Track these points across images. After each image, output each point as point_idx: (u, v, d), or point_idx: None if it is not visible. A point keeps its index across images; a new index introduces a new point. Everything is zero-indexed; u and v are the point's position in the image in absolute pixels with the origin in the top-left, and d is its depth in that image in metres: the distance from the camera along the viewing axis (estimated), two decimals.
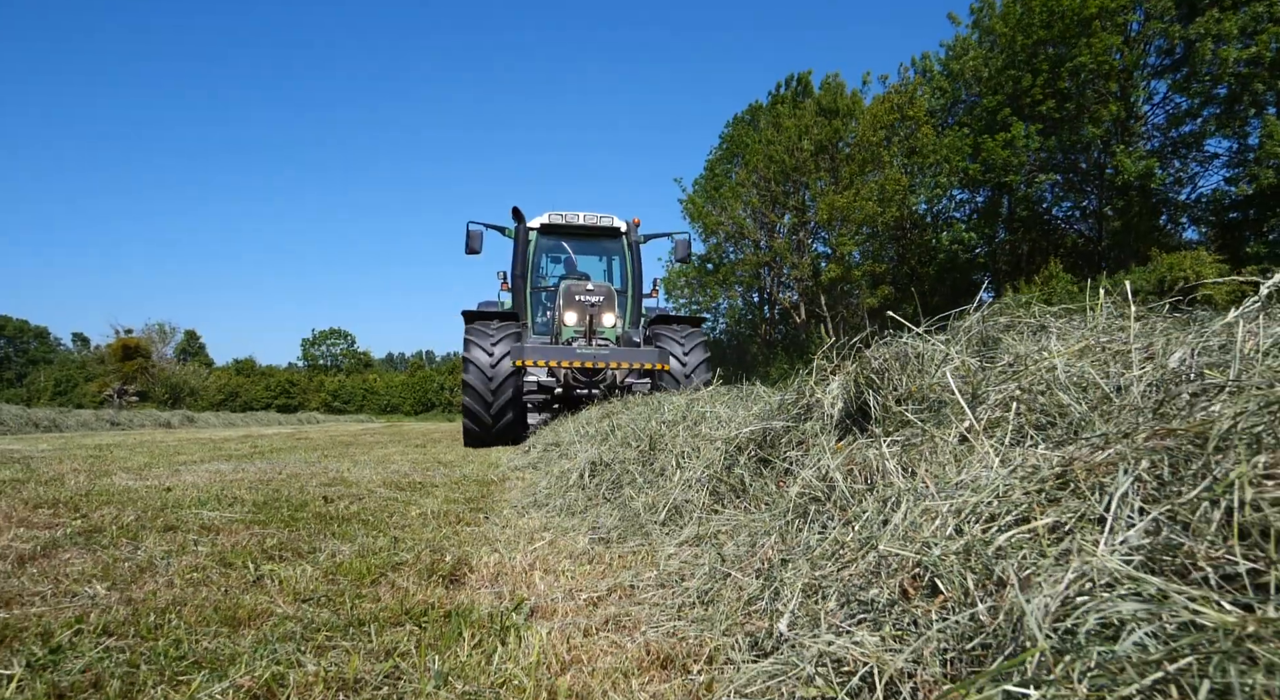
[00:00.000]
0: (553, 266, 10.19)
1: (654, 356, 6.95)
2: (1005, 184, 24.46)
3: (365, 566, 1.96)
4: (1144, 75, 23.23)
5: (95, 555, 2.10)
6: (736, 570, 1.49)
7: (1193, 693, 0.52)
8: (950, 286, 28.96)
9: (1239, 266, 21.07)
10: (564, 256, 10.07)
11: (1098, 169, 24.53)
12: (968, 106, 26.52)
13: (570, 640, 1.33)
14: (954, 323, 1.96)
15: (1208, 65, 20.93)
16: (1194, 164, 24.52)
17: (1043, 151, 23.75)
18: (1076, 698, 0.54)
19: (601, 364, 7.10)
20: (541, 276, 9.89)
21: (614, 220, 9.67)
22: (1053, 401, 1.31)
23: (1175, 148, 24.21)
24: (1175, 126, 23.61)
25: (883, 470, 1.38)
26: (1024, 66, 23.16)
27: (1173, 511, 0.72)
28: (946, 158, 24.97)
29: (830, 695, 0.78)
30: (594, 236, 9.94)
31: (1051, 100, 22.55)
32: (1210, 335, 1.31)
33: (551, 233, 9.72)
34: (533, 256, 9.55)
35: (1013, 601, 0.70)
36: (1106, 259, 25.84)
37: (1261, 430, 0.82)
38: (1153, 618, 0.58)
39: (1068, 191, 26.42)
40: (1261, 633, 0.53)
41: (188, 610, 1.54)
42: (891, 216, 26.88)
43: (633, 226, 9.55)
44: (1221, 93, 22.05)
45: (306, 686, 1.12)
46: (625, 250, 9.83)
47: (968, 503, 0.98)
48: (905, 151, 26.98)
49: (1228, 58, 20.06)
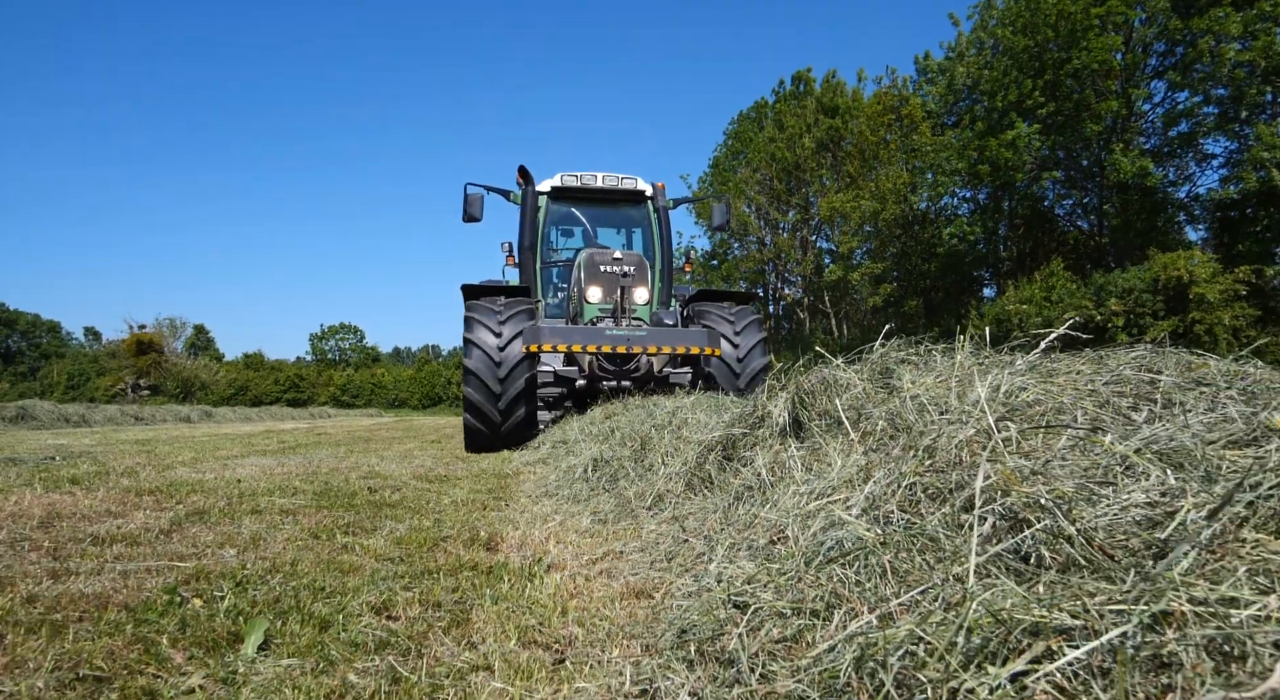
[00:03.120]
0: (564, 239, 8.86)
1: (702, 339, 5.88)
2: (1009, 182, 24.83)
3: (420, 538, 2.59)
4: (1144, 75, 23.61)
5: (213, 530, 2.74)
6: (692, 537, 2.12)
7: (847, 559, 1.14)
8: (952, 283, 29.46)
9: (1232, 266, 21.52)
10: (579, 227, 8.69)
11: (1098, 166, 24.89)
12: (968, 107, 26.89)
13: (575, 582, 1.96)
14: (866, 355, 2.57)
15: (1206, 62, 21.24)
16: (1192, 164, 24.96)
17: (1044, 150, 24.14)
18: (803, 558, 1.15)
19: (638, 348, 5.89)
20: (552, 249, 8.55)
21: (638, 182, 8.34)
22: (904, 419, 1.93)
23: (1173, 147, 24.61)
24: (1172, 125, 23.97)
25: (790, 466, 2.00)
26: (1027, 68, 23.52)
27: (895, 486, 1.33)
28: (948, 158, 25.36)
29: (722, 594, 1.39)
30: (614, 202, 8.55)
31: (1053, 102, 22.92)
32: (1011, 375, 1.92)
33: (564, 197, 8.36)
34: (544, 224, 8.25)
35: (797, 533, 1.31)
36: (1107, 256, 26.25)
37: (963, 442, 1.43)
38: (844, 534, 1.19)
39: (1069, 189, 26.85)
40: (887, 540, 1.13)
41: (305, 565, 2.17)
42: (891, 214, 27.40)
43: (659, 190, 8.26)
44: (1220, 93, 22.44)
45: (408, 604, 1.75)
46: (651, 217, 8.53)
47: (815, 487, 1.59)
48: (905, 150, 27.45)
49: (1225, 55, 20.40)
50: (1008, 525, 1.05)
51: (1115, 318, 21.01)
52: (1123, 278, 21.45)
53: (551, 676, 1.28)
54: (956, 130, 25.79)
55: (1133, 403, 1.54)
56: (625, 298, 6.51)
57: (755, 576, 1.27)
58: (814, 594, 1.09)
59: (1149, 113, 24.43)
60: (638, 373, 6.39)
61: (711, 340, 5.92)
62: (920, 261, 29.66)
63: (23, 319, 66.62)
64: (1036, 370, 1.87)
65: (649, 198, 8.42)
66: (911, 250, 29.54)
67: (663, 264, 8.20)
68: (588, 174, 8.15)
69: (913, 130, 27.15)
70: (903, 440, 1.74)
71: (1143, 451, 1.11)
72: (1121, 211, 25.04)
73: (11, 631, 1.48)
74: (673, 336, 6.02)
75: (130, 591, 1.80)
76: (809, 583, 1.13)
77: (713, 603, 1.27)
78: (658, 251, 8.29)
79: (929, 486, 1.25)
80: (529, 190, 7.81)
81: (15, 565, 2.07)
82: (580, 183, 8.14)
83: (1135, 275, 21.15)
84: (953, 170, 25.26)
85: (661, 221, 8.33)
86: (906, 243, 29.53)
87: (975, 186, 27.19)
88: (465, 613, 1.69)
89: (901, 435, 1.69)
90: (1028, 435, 1.36)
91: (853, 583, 1.06)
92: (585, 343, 5.87)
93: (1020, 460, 1.19)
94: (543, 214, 8.20)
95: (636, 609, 1.70)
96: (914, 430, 1.76)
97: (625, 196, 8.41)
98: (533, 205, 7.86)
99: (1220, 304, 20.19)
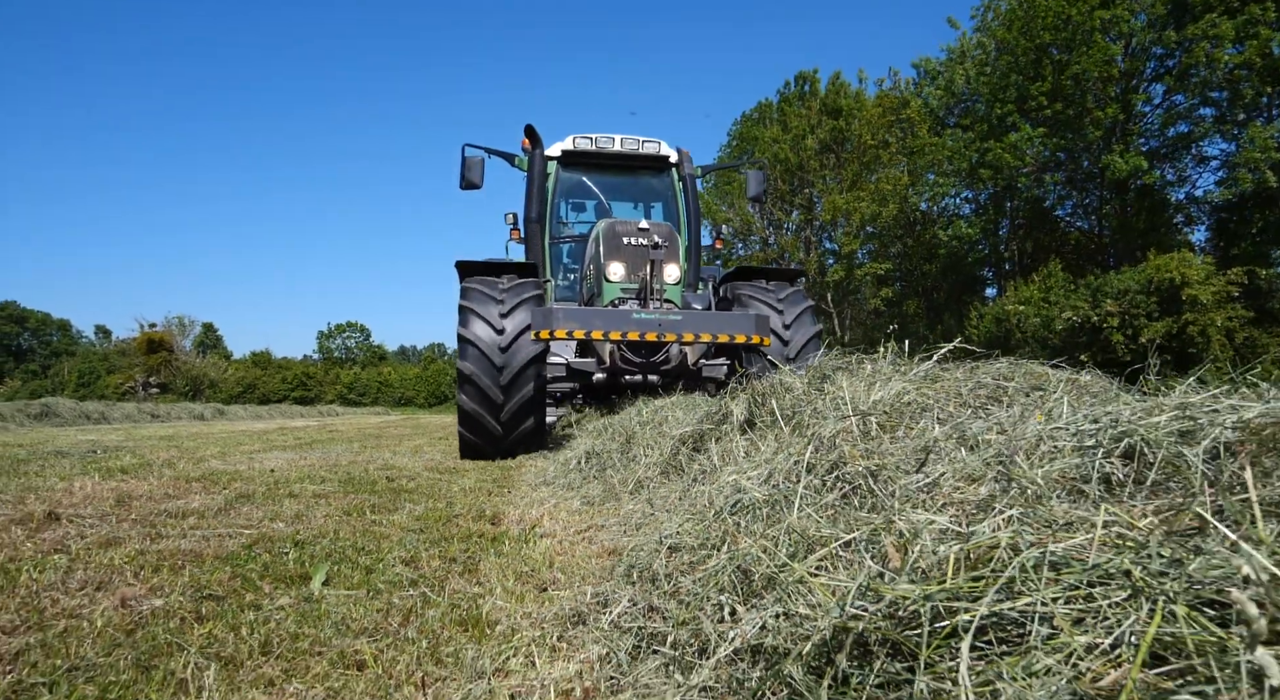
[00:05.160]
0: (575, 213, 7.93)
1: (750, 325, 5.07)
2: (1010, 184, 25.15)
3: (436, 515, 3.09)
4: (1143, 79, 23.98)
5: (260, 509, 3.24)
6: (658, 511, 2.61)
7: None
8: (953, 283, 29.87)
9: (1227, 267, 21.90)
10: (593, 200, 7.71)
11: (1100, 168, 25.21)
12: (969, 109, 27.22)
13: (561, 545, 2.46)
14: (811, 362, 3.06)
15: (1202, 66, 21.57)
16: (1190, 166, 25.33)
17: (1045, 152, 24.49)
18: (714, 513, 1.65)
19: (671, 335, 5.00)
20: (561, 223, 7.63)
21: (661, 146, 7.38)
22: (819, 415, 2.41)
23: (1172, 150, 24.97)
24: (1168, 126, 24.30)
25: (736, 454, 2.49)
26: (1028, 70, 23.87)
27: (790, 463, 1.81)
28: (949, 158, 25.69)
29: (658, 540, 1.88)
30: (633, 169, 7.60)
31: (1057, 104, 23.25)
32: (913, 376, 2.40)
33: (576, 163, 7.42)
34: (553, 194, 7.31)
35: (718, 498, 1.81)
36: (1107, 256, 26.60)
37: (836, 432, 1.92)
38: (744, 496, 1.67)
39: (1070, 190, 27.24)
40: (768, 498, 1.62)
41: (344, 532, 2.67)
42: (890, 215, 27.83)
43: (685, 157, 7.25)
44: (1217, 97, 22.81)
45: (430, 558, 2.25)
46: (676, 187, 7.59)
47: (744, 468, 2.08)
48: (905, 152, 27.85)
49: (1220, 59, 20.75)
50: (848, 486, 1.53)
51: (1110, 318, 21.39)
52: (1118, 279, 21.80)
53: (537, 598, 1.78)
54: (956, 131, 26.11)
55: (982, 402, 2.01)
56: (655, 275, 5.45)
57: (682, 527, 1.76)
58: (716, 534, 1.57)
59: (1148, 115, 24.78)
60: (668, 365, 5.58)
61: (760, 328, 5.10)
62: (922, 262, 30.07)
63: (33, 317, 67.60)
64: (928, 377, 2.35)
65: (674, 165, 7.45)
66: (913, 251, 29.94)
67: (689, 241, 7.09)
68: (603, 136, 7.20)
69: (911, 132, 27.55)
70: (816, 430, 2.23)
71: (950, 437, 1.60)
72: (1120, 212, 25.39)
73: (142, 570, 1.99)
74: (715, 322, 5.12)
75: (216, 548, 2.31)
76: (714, 528, 1.62)
77: (651, 546, 1.76)
78: (684, 227, 7.23)
79: (810, 462, 1.73)
80: (536, 154, 6.77)
81: (116, 531, 2.58)
82: (595, 146, 7.18)
83: (1130, 276, 21.48)
84: (953, 171, 25.63)
85: (688, 192, 7.28)
86: (908, 243, 29.94)
87: (976, 188, 27.58)
88: (475, 564, 2.18)
89: (810, 427, 2.18)
90: (885, 427, 1.85)
91: (740, 526, 1.55)
92: (609, 328, 4.95)
93: (867, 444, 1.68)
94: (552, 182, 7.28)
95: (606, 562, 2.20)
96: (814, 423, 2.25)
97: (646, 163, 7.47)
98: (540, 171, 6.82)
99: (1213, 305, 20.54)
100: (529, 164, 6.86)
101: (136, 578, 1.92)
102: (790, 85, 32.30)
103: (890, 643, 0.88)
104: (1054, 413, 1.50)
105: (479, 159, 6.90)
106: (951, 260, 28.57)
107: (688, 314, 5.18)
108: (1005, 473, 1.19)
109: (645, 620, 1.42)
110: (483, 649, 1.41)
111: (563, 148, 7.27)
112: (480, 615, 1.63)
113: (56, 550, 2.23)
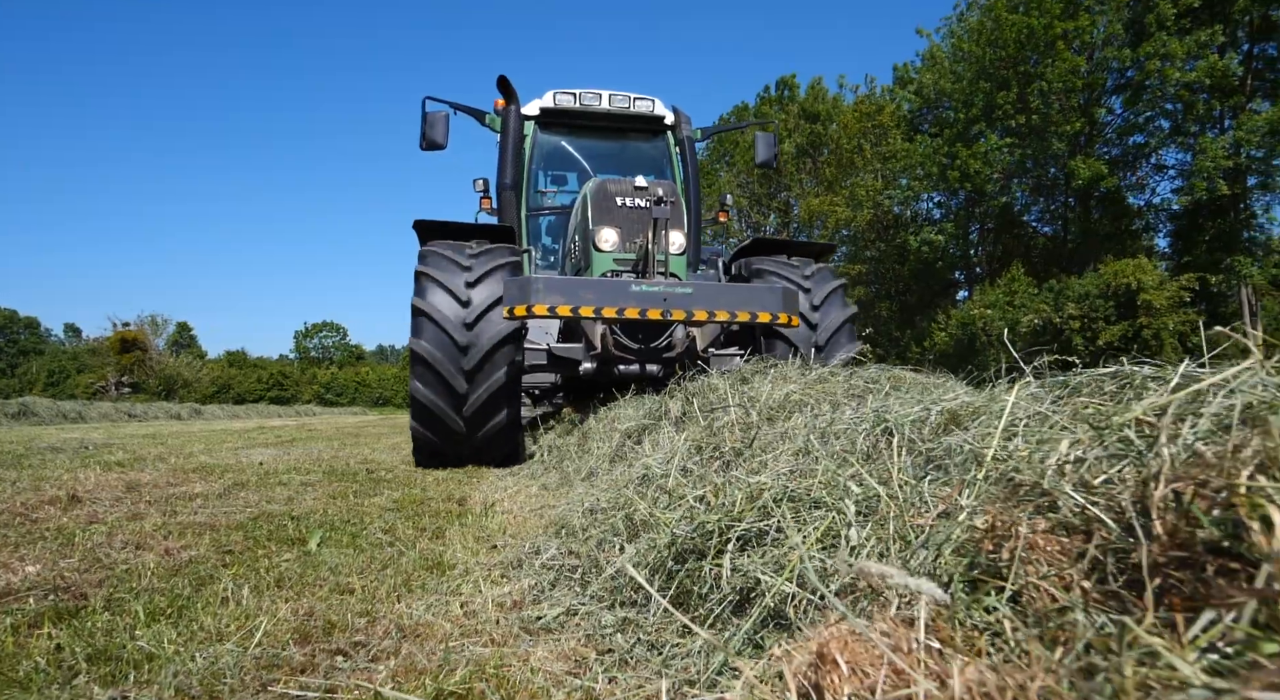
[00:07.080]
0: (556, 184, 7.08)
1: (775, 301, 4.21)
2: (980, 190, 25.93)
3: (411, 499, 3.57)
4: (1104, 92, 24.96)
5: (256, 494, 3.69)
6: (597, 491, 3.11)
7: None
8: (925, 286, 30.73)
9: (1180, 273, 22.92)
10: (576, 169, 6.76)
11: (1065, 176, 26.10)
12: (940, 115, 28.01)
13: (515, 519, 2.95)
14: (739, 365, 3.58)
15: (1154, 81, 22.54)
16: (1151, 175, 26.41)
17: (1013, 161, 25.35)
18: (623, 484, 2.15)
19: (679, 313, 4.10)
20: (540, 192, 6.81)
21: (655, 105, 6.49)
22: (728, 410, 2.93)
23: (1132, 159, 26.00)
24: (1126, 135, 25.30)
25: (660, 442, 3.00)
26: (995, 79, 24.68)
27: (691, 447, 2.31)
28: (920, 163, 26.44)
29: (580, 507, 2.38)
30: (624, 132, 6.66)
31: (1021, 115, 24.10)
32: (811, 379, 2.93)
33: (557, 124, 6.50)
34: (529, 156, 6.41)
35: (632, 475, 2.32)
36: (1071, 261, 27.56)
37: (725, 423, 2.44)
38: (647, 472, 2.19)
39: (1036, 197, 28.20)
40: (664, 472, 2.13)
41: (332, 511, 3.14)
42: (864, 220, 28.62)
43: (683, 118, 6.45)
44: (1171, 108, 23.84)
45: (405, 528, 2.73)
46: (672, 151, 6.69)
47: (657, 452, 2.59)
48: (879, 157, 28.63)
49: (1170, 76, 21.73)
50: (724, 463, 2.04)
51: (1072, 321, 22.27)
52: (1079, 283, 22.71)
53: (489, 552, 2.28)
54: (925, 138, 26.88)
55: (849, 399, 2.53)
56: (656, 241, 4.61)
57: (602, 496, 2.27)
58: (623, 500, 2.08)
59: (1108, 125, 25.76)
60: (672, 352, 4.75)
61: (788, 303, 4.22)
62: (894, 265, 30.87)
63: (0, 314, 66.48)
64: (816, 378, 2.88)
65: (669, 127, 6.58)
66: (886, 255, 30.73)
67: (690, 215, 5.70)
68: (588, 92, 6.29)
69: (884, 136, 28.33)
70: (714, 421, 2.75)
71: (812, 429, 2.11)
72: (1084, 218, 26.34)
73: (170, 535, 2.45)
74: (732, 296, 4.21)
75: (226, 520, 2.78)
76: (623, 495, 2.12)
77: (577, 510, 2.27)
78: (684, 195, 6.02)
79: (704, 445, 2.24)
80: (511, 111, 5.85)
81: (136, 509, 3.02)
82: (579, 104, 6.26)
83: (1091, 281, 22.38)
84: (925, 175, 26.38)
85: (686, 157, 6.29)
86: (880, 248, 30.72)
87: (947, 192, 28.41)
88: (441, 532, 2.67)
89: (716, 418, 2.69)
90: (773, 419, 2.37)
91: (641, 494, 2.05)
92: (601, 304, 4.03)
93: (749, 433, 2.19)
94: (529, 144, 6.38)
95: (550, 530, 2.70)
96: (721, 417, 2.77)
97: (638, 123, 6.52)
98: (516, 130, 5.88)
99: (1166, 310, 21.50)
100: (502, 123, 5.96)
101: (167, 540, 2.38)
102: (770, 89, 32.88)
103: (697, 550, 1.39)
104: (866, 407, 2.03)
105: (443, 114, 5.97)
106: (922, 264, 29.36)
107: (699, 286, 4.27)
108: (804, 447, 1.70)
109: (566, 559, 1.93)
110: (443, 581, 1.90)
111: (541, 105, 6.39)
112: (443, 562, 2.12)
113: (92, 522, 2.68)
